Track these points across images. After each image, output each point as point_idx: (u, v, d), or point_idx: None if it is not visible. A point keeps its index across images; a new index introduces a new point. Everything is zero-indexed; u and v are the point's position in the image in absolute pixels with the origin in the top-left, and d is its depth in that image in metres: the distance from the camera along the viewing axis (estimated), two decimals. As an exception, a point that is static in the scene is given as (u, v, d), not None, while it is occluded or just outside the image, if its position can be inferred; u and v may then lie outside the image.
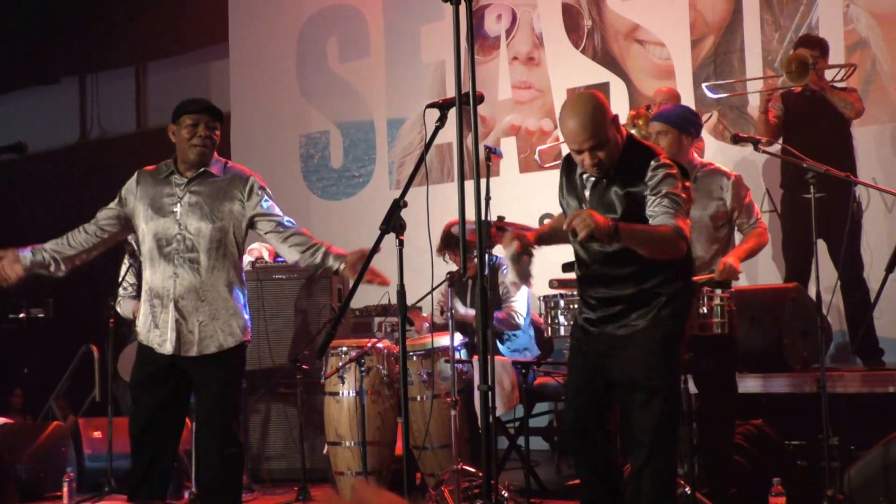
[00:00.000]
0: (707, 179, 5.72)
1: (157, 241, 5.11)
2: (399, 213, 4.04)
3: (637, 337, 4.40)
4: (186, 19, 11.38)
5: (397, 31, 10.00)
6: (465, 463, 5.84)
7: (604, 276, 4.46)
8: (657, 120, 5.73)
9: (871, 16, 7.81)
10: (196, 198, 5.12)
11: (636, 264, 4.36)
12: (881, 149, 7.69)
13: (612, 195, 4.40)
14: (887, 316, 6.85)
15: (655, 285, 4.40)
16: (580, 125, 4.32)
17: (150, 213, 5.14)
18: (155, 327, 5.11)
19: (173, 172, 5.17)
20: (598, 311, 4.49)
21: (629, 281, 4.41)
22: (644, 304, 4.41)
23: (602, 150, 4.34)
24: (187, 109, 5.12)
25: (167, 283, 5.09)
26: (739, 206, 5.71)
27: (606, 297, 4.46)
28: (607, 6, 8.95)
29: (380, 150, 10.13)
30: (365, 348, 6.41)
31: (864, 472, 5.53)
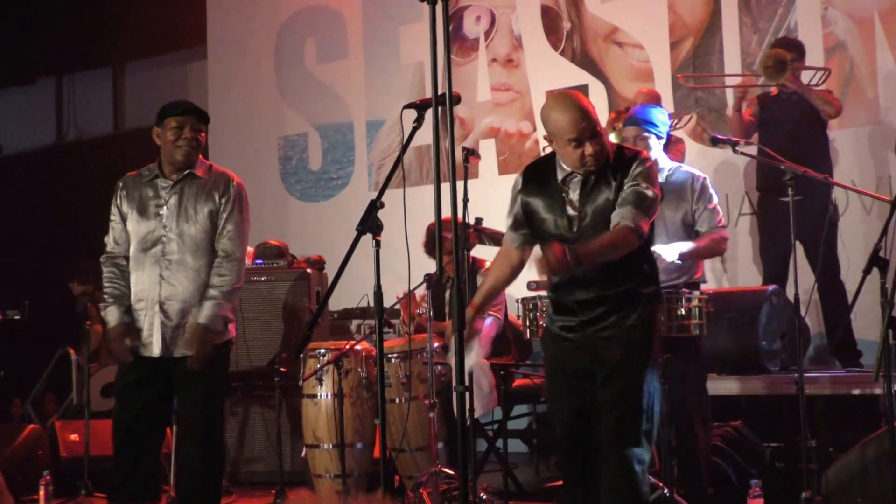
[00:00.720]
0: (680, 181, 5.72)
1: (142, 243, 5.13)
2: (376, 213, 4.04)
3: (621, 336, 4.40)
4: (164, 20, 11.32)
5: (376, 32, 9.99)
6: (443, 465, 5.84)
7: (584, 277, 4.44)
8: (633, 125, 5.72)
9: (849, 18, 7.85)
10: (181, 200, 5.14)
11: (620, 266, 4.35)
12: (858, 151, 7.72)
13: (605, 198, 4.38)
14: (865, 318, 6.87)
15: (637, 285, 4.42)
16: (580, 113, 4.30)
17: (136, 216, 5.16)
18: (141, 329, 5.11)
19: (158, 176, 5.17)
20: (581, 314, 4.46)
21: (612, 281, 4.40)
22: (627, 304, 4.41)
23: (600, 141, 4.33)
24: (172, 112, 5.12)
25: (153, 285, 5.10)
26: (701, 210, 5.68)
27: (589, 298, 4.44)
28: (586, 8, 8.96)
29: (358, 152, 10.11)
30: (343, 350, 6.40)
31: (841, 473, 5.55)
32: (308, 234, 9.92)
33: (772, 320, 6.59)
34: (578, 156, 4.33)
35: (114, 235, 5.25)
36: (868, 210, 7.54)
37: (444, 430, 6.28)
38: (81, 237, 9.29)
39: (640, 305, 4.41)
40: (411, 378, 6.38)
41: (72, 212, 10.97)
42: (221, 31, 10.95)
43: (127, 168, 5.35)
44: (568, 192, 4.46)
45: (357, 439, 6.45)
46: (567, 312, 4.51)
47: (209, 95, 10.88)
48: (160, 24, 11.36)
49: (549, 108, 4.41)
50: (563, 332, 4.52)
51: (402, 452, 6.43)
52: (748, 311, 6.57)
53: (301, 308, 7.58)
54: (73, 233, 10.63)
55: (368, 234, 4.07)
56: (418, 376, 6.39)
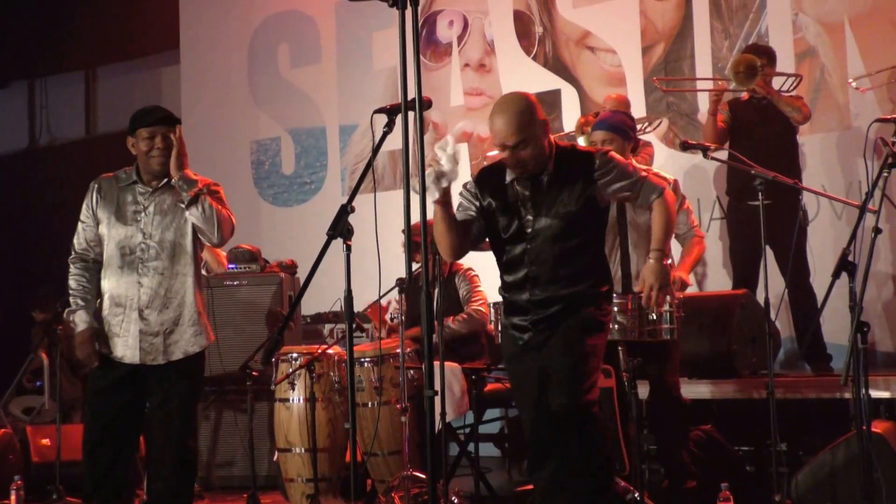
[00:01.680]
0: None
1: (121, 248, 5.10)
2: (346, 218, 4.02)
3: (567, 337, 4.43)
4: (137, 25, 11.28)
5: (349, 38, 9.98)
6: (415, 469, 5.82)
7: (539, 277, 4.48)
8: (601, 129, 5.75)
9: (820, 24, 7.89)
10: (161, 207, 5.13)
11: (574, 266, 4.46)
12: (828, 156, 7.76)
13: (562, 196, 4.45)
14: (834, 322, 6.90)
15: (589, 286, 4.48)
16: (505, 122, 4.39)
17: (114, 221, 5.12)
18: (116, 335, 5.09)
19: (136, 182, 5.13)
20: (532, 314, 4.51)
21: (564, 281, 4.45)
22: (578, 305, 4.45)
23: (526, 149, 4.39)
24: (142, 123, 5.08)
25: (131, 292, 5.08)
26: (677, 210, 5.72)
27: (541, 299, 4.48)
28: (558, 13, 8.98)
29: (331, 157, 10.10)
30: (315, 354, 6.38)
31: (811, 477, 5.56)
32: (281, 238, 9.89)
33: (743, 324, 6.61)
34: (509, 159, 4.43)
35: (85, 237, 5.20)
36: (838, 215, 7.58)
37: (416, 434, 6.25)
38: (54, 241, 9.22)
39: (591, 306, 4.45)
40: (383, 382, 6.35)
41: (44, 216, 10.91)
42: (194, 35, 10.92)
43: (99, 172, 5.30)
44: (521, 193, 4.50)
45: (329, 443, 6.42)
46: (520, 312, 4.55)
47: (182, 100, 10.85)
48: (133, 29, 11.32)
49: (491, 111, 4.50)
50: (516, 332, 4.56)
51: (374, 456, 6.42)
52: (719, 316, 6.59)
53: (273, 312, 7.56)
54: (46, 237, 10.56)
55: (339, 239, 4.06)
56: (390, 380, 6.37)
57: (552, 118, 8.67)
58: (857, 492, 4.84)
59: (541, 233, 4.45)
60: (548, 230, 4.45)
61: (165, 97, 11.17)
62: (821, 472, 5.53)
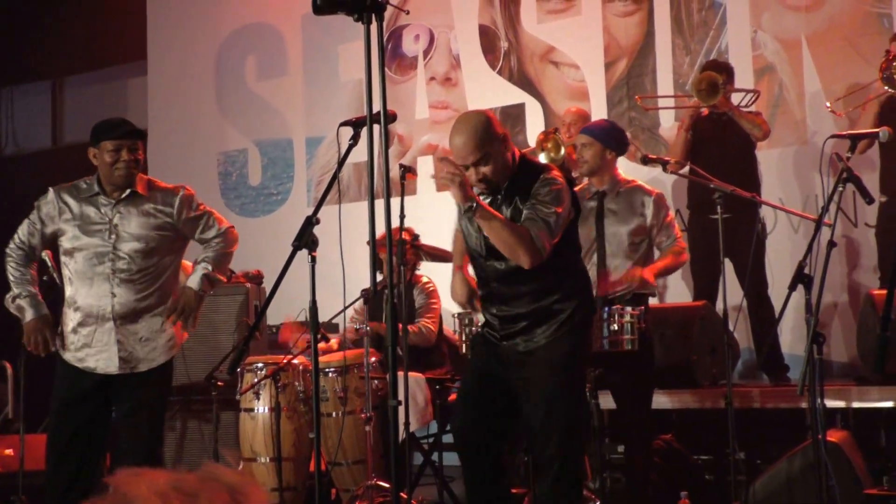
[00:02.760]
0: (629, 195, 5.78)
1: (89, 261, 5.06)
2: (311, 229, 4.04)
3: (538, 353, 4.43)
4: (105, 35, 11.22)
5: (315, 50, 9.98)
6: (379, 478, 5.82)
7: (503, 294, 4.50)
8: (583, 133, 5.81)
9: (778, 42, 7.97)
10: (126, 217, 5.09)
11: (534, 282, 4.43)
12: (786, 171, 7.83)
13: (510, 211, 4.44)
14: (791, 333, 6.97)
15: (554, 302, 4.44)
16: (463, 141, 4.40)
17: (79, 234, 5.07)
18: (87, 346, 5.05)
19: (99, 193, 5.11)
20: (501, 329, 4.53)
21: (527, 298, 4.45)
22: (544, 320, 4.44)
23: (487, 166, 4.39)
24: (108, 136, 5.05)
25: (103, 302, 5.04)
26: (659, 224, 5.75)
27: (507, 314, 4.50)
28: (523, 28, 9.02)
29: (298, 168, 10.10)
30: (280, 365, 6.37)
31: (768, 485, 5.62)
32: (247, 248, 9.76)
33: (702, 335, 6.65)
34: (472, 177, 4.41)
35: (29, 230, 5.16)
36: (795, 228, 7.65)
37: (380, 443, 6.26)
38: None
39: (559, 322, 4.44)
40: (348, 392, 6.35)
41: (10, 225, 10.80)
42: (162, 47, 10.89)
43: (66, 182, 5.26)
44: None
45: (294, 453, 6.41)
46: (490, 326, 4.58)
47: (149, 111, 10.81)
48: (100, 39, 11.26)
49: (451, 131, 4.53)
50: (490, 337, 4.58)
51: (338, 466, 6.41)
52: (680, 327, 6.63)
53: (239, 322, 7.53)
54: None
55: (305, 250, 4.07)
56: (355, 390, 6.37)
57: (516, 131, 8.72)
58: (812, 499, 4.89)
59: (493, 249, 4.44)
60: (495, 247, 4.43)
61: (132, 108, 11.12)
62: (778, 480, 5.58)
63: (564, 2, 8.86)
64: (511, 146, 4.51)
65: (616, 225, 5.71)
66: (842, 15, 7.76)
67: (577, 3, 8.80)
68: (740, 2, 8.10)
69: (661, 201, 5.80)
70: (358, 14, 3.39)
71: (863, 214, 7.45)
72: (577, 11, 8.80)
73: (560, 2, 8.88)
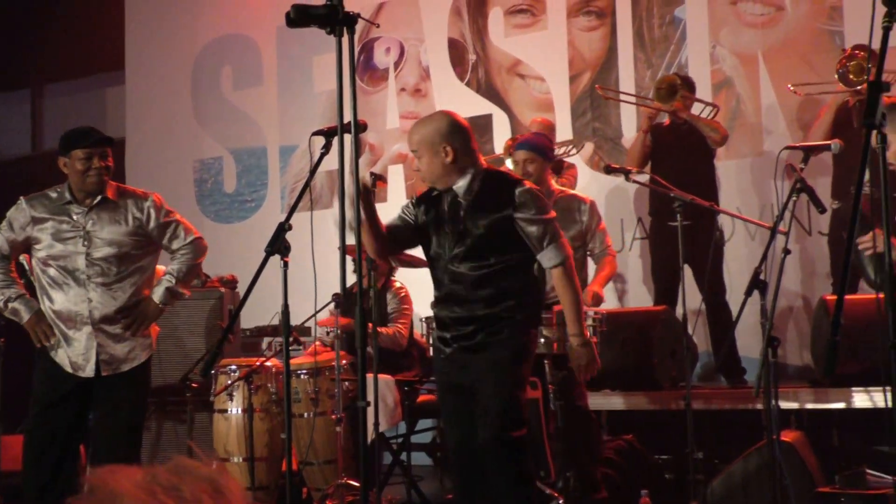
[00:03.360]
0: (567, 203, 5.84)
1: (63, 268, 5.04)
2: (284, 235, 4.02)
3: (484, 355, 4.43)
4: (83, 45, 11.15)
5: (290, 61, 9.96)
6: (349, 477, 5.80)
7: (460, 296, 4.49)
8: (523, 149, 5.80)
9: (735, 56, 8.02)
10: (99, 224, 5.07)
11: (491, 288, 4.44)
12: (743, 180, 7.88)
13: (471, 223, 4.45)
14: (747, 337, 6.99)
15: (507, 308, 4.44)
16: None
17: (53, 242, 5.04)
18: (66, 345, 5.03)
19: (71, 201, 5.07)
20: (452, 330, 4.52)
21: (483, 302, 4.45)
22: (494, 324, 4.44)
23: (420, 160, 4.48)
24: (78, 144, 5.02)
25: (80, 307, 5.03)
26: (594, 231, 5.83)
27: (461, 316, 4.49)
28: (491, 42, 9.03)
29: (272, 176, 10.07)
30: (253, 367, 6.34)
31: (725, 484, 5.63)
32: (222, 254, 9.78)
33: (663, 339, 6.67)
34: (414, 163, 4.59)
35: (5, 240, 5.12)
36: (752, 235, 7.69)
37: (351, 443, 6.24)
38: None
39: (508, 327, 4.43)
40: (319, 394, 6.33)
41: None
42: (139, 56, 10.84)
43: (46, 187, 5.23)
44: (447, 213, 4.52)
45: (266, 453, 6.38)
46: (443, 327, 4.57)
47: (127, 119, 10.76)
48: (79, 49, 11.19)
49: None
50: (440, 345, 4.58)
51: (309, 465, 6.38)
52: (641, 331, 6.65)
53: (213, 326, 7.50)
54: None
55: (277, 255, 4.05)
56: (326, 392, 6.35)
57: (484, 141, 8.72)
58: (768, 497, 4.91)
59: (459, 253, 4.45)
60: (464, 251, 4.44)
61: (110, 116, 11.07)
62: (735, 479, 5.59)
63: (531, 17, 8.88)
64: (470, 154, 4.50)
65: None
66: (796, 31, 7.82)
67: (542, 18, 8.82)
68: (699, 18, 8.14)
69: (595, 208, 5.92)
70: (330, 27, 3.38)
71: (816, 223, 7.50)
72: (542, 26, 8.82)
73: (526, 17, 8.90)
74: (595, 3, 8.59)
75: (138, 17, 10.87)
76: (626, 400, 6.73)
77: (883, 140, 3.02)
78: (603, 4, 8.55)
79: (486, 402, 4.41)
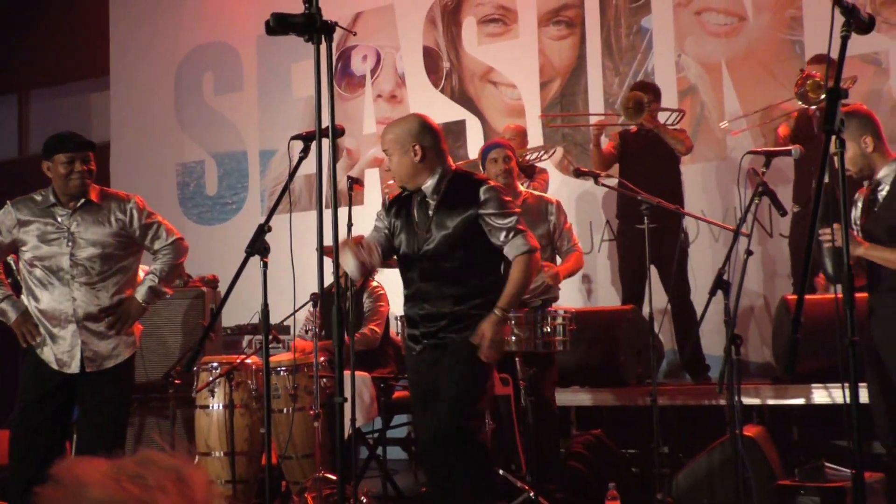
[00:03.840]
0: (535, 204, 5.89)
1: (48, 268, 5.03)
2: (263, 237, 4.00)
3: (449, 350, 4.44)
4: (69, 51, 11.09)
5: (270, 68, 9.93)
6: (327, 471, 5.79)
7: (429, 294, 4.50)
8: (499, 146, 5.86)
9: (700, 65, 8.04)
10: (83, 225, 5.06)
11: (459, 286, 4.45)
12: (707, 184, 7.90)
13: (438, 222, 4.48)
14: (711, 335, 7.02)
15: (474, 306, 4.45)
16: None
17: (38, 244, 5.04)
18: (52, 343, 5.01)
19: (55, 204, 5.05)
20: (421, 326, 4.53)
21: (451, 300, 4.46)
22: (461, 321, 4.45)
23: (391, 159, 4.54)
24: (61, 149, 5.01)
25: (64, 306, 5.01)
26: (561, 229, 5.87)
27: (430, 313, 4.49)
28: (464, 50, 9.03)
29: (252, 179, 10.03)
30: (234, 364, 6.32)
31: (690, 477, 5.64)
32: (204, 254, 9.75)
33: (629, 337, 6.68)
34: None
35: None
36: (716, 238, 7.71)
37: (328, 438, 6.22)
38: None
39: (476, 324, 4.43)
40: (298, 390, 6.31)
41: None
42: (123, 63, 10.77)
43: (33, 189, 5.21)
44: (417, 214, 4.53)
45: (246, 447, 6.35)
46: (412, 325, 4.58)
47: (111, 124, 10.70)
48: (65, 55, 11.13)
49: None
50: (410, 342, 4.59)
51: (288, 459, 6.36)
52: (609, 330, 6.66)
53: (195, 324, 7.47)
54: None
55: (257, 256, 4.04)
56: (305, 388, 6.33)
57: (458, 146, 8.72)
58: (730, 490, 4.92)
59: (428, 252, 4.48)
60: (433, 250, 4.47)
61: (95, 121, 11.00)
62: (699, 472, 5.61)
63: (503, 26, 8.89)
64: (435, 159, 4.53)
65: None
66: (759, 41, 7.85)
67: (514, 27, 8.82)
68: (665, 28, 8.17)
69: (561, 208, 5.98)
70: (308, 35, 3.37)
71: (777, 226, 7.53)
72: (514, 35, 8.83)
73: (498, 26, 8.90)
74: (565, 13, 8.60)
75: (122, 25, 10.81)
76: (593, 396, 6.74)
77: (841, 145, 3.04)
78: (572, 14, 8.56)
79: (445, 394, 4.41)
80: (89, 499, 1.04)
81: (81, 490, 1.06)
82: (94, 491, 1.05)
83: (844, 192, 3.08)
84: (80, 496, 1.05)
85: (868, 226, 4.71)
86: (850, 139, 4.59)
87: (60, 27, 11.07)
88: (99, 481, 1.07)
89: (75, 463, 1.12)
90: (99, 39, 10.83)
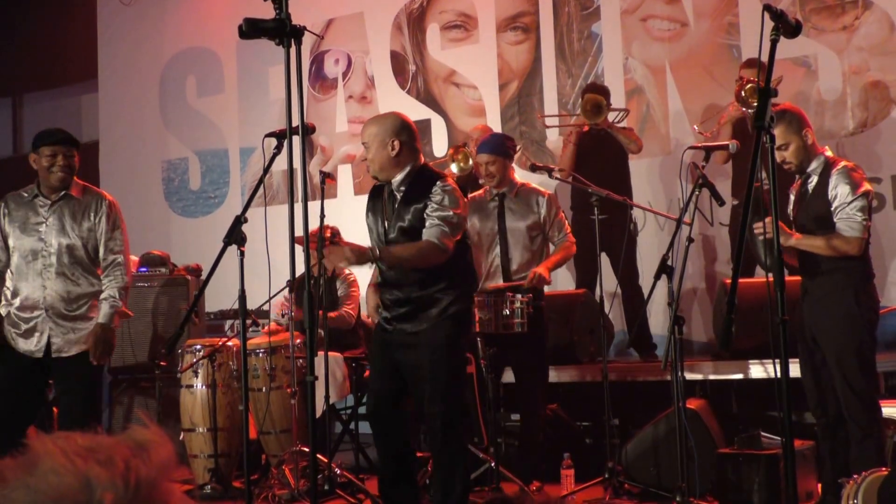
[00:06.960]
0: (526, 196, 5.87)
1: (25, 257, 5.00)
2: (240, 227, 3.98)
3: (422, 335, 4.46)
4: (59, 56, 10.99)
5: (248, 71, 9.86)
6: (303, 445, 5.77)
7: (396, 279, 4.53)
8: (484, 152, 5.83)
9: (646, 67, 8.05)
10: (59, 218, 5.02)
11: (422, 272, 4.45)
12: (653, 178, 7.92)
13: (402, 213, 4.50)
14: (657, 316, 7.05)
15: (436, 291, 4.48)
16: (367, 123, 4.62)
17: (18, 234, 5.02)
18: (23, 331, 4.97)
19: (38, 196, 5.00)
20: (392, 310, 4.54)
21: (416, 285, 4.48)
22: (428, 306, 4.47)
23: (368, 152, 4.53)
24: (45, 141, 4.99)
25: (37, 294, 4.97)
26: (552, 220, 5.85)
27: (398, 297, 4.52)
28: (428, 54, 9.00)
29: (233, 175, 9.97)
30: (216, 346, 6.29)
31: (638, 446, 5.68)
32: (188, 245, 9.72)
33: (582, 319, 6.70)
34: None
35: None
36: (661, 226, 7.74)
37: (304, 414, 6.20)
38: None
39: (440, 308, 4.45)
40: (275, 370, 6.29)
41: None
42: (111, 67, 10.66)
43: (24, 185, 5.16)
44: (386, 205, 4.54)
45: (228, 423, 6.33)
46: (385, 308, 4.59)
47: (100, 124, 10.60)
48: (56, 60, 11.02)
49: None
50: (384, 324, 4.59)
51: (267, 434, 6.35)
52: (563, 312, 6.67)
53: (180, 310, 7.44)
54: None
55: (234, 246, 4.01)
56: (282, 368, 6.31)
57: (424, 143, 8.68)
58: (675, 458, 4.95)
59: (393, 240, 4.50)
60: (394, 239, 4.50)
61: (85, 121, 10.90)
62: (646, 442, 5.64)
63: (464, 31, 8.86)
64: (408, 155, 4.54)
65: (515, 221, 5.80)
66: (699, 45, 7.87)
67: (474, 33, 8.80)
68: (614, 33, 8.17)
69: (553, 200, 5.92)
70: (279, 38, 3.34)
71: (717, 215, 7.55)
72: (475, 40, 8.81)
73: (460, 31, 8.88)
74: (521, 20, 8.59)
75: (110, 31, 10.69)
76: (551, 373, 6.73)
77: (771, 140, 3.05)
78: (528, 21, 8.55)
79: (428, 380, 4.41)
80: (40, 470, 1.02)
81: (33, 462, 1.04)
82: (45, 463, 1.03)
83: (774, 183, 3.09)
84: (32, 467, 1.03)
85: (800, 217, 4.74)
86: (792, 133, 4.60)
87: (51, 33, 10.96)
88: (51, 451, 1.05)
89: (45, 436, 1.10)
90: (88, 45, 10.72)
